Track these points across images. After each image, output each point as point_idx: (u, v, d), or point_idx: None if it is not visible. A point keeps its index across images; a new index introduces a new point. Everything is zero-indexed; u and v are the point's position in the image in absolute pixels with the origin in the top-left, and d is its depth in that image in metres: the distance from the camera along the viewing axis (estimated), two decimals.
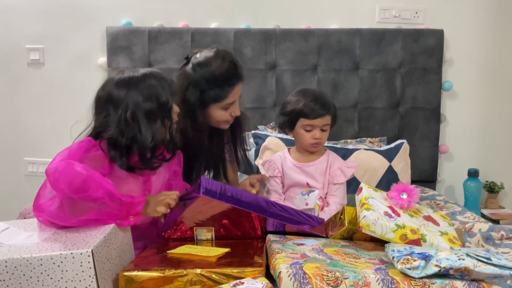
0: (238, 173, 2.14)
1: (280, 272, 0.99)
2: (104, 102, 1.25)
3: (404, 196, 1.29)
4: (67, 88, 2.49)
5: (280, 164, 1.68)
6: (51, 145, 2.47)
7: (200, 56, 1.48)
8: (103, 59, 2.45)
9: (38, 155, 2.52)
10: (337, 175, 1.63)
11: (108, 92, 1.25)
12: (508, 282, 1.26)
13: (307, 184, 1.62)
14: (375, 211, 1.20)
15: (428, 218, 1.29)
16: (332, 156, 1.70)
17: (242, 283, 0.98)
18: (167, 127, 1.27)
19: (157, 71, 1.31)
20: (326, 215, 1.48)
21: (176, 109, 1.29)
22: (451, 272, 0.98)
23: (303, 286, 0.98)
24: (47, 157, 1.23)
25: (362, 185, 1.32)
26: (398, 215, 1.23)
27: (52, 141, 2.50)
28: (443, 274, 0.99)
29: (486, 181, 2.53)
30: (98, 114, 1.26)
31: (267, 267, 1.11)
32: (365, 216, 1.19)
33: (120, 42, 2.41)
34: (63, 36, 2.47)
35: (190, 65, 1.48)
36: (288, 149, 1.73)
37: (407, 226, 1.19)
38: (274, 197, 1.65)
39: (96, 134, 1.24)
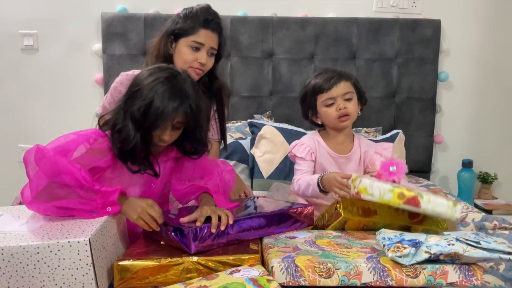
0: (234, 162, 2.15)
1: (272, 266, 1.00)
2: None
3: (394, 169, 1.28)
4: (62, 74, 2.47)
5: (314, 150, 1.55)
6: (46, 131, 2.47)
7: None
8: (98, 46, 2.43)
9: (33, 141, 2.44)
10: (377, 159, 1.54)
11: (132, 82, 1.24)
12: (500, 271, 1.28)
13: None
14: (369, 179, 1.22)
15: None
16: (363, 142, 1.60)
17: (239, 271, 0.99)
18: (156, 136, 1.21)
19: (180, 74, 1.23)
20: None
21: (165, 136, 1.22)
22: (441, 257, 1.00)
23: (295, 279, 0.99)
24: (41, 143, 1.22)
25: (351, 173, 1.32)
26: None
27: (47, 127, 2.49)
28: (433, 259, 1.00)
29: (480, 172, 2.55)
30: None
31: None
32: (361, 180, 1.20)
33: (115, 29, 2.38)
34: (57, 22, 2.44)
35: None
36: (318, 132, 1.61)
37: (403, 186, 1.20)
38: (304, 175, 1.54)
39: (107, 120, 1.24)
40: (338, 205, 1.27)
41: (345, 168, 1.56)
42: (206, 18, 1.56)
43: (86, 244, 0.96)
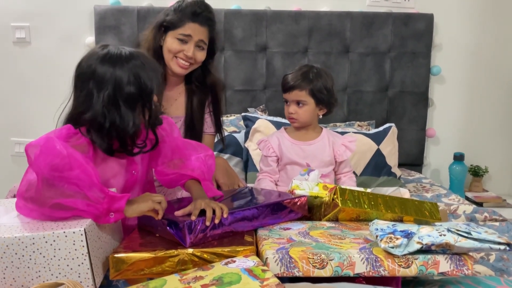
0: (228, 155, 2.16)
1: (267, 258, 1.01)
2: (87, 79, 1.15)
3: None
4: (54, 67, 2.45)
5: (276, 145, 1.66)
6: (38, 125, 2.45)
7: None
8: (91, 39, 2.41)
9: (25, 135, 2.49)
10: (343, 151, 1.65)
11: (92, 69, 1.14)
12: (491, 261, 1.30)
13: (307, 164, 1.63)
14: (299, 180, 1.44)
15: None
16: (330, 133, 1.70)
17: (234, 261, 0.99)
18: (146, 115, 1.20)
19: (143, 53, 1.24)
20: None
21: (155, 98, 1.22)
22: (432, 248, 1.01)
23: (290, 270, 1.00)
24: (34, 137, 1.22)
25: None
26: None
27: (39, 121, 2.47)
28: (425, 250, 1.02)
29: (471, 165, 2.58)
30: (79, 92, 1.16)
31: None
32: (292, 181, 1.41)
33: (108, 22, 2.37)
34: (50, 14, 2.42)
35: None
36: (285, 128, 1.73)
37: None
38: (265, 177, 1.66)
39: (76, 117, 1.16)
40: (335, 196, 1.28)
41: (312, 153, 1.64)
42: (194, 11, 1.55)
43: (81, 234, 0.97)
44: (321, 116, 1.67)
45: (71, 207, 1.03)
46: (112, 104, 1.14)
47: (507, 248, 1.00)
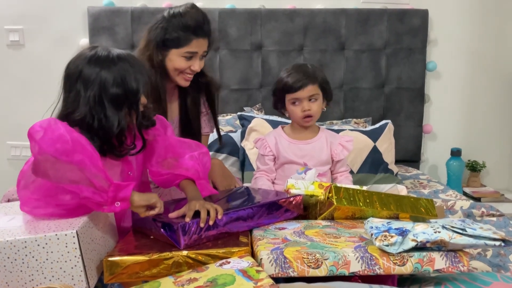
0: (224, 155, 2.15)
1: (261, 259, 1.01)
2: (75, 79, 1.15)
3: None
4: (49, 69, 2.44)
5: (273, 143, 1.66)
6: None
7: (177, 6, 1.56)
8: (85, 40, 2.40)
9: (21, 138, 2.48)
10: (340, 150, 1.66)
11: (79, 69, 1.15)
12: (488, 257, 1.30)
13: (304, 163, 1.62)
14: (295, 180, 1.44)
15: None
16: (328, 133, 1.71)
17: (229, 263, 0.99)
18: (133, 117, 1.20)
19: (132, 55, 1.23)
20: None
21: (143, 100, 1.21)
22: (427, 245, 1.01)
23: (284, 270, 0.99)
24: None
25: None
26: None
27: None
28: (420, 247, 1.01)
29: (469, 160, 2.57)
30: (68, 93, 1.17)
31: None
32: (287, 181, 1.40)
33: (102, 23, 2.36)
34: (43, 17, 2.41)
35: (165, 11, 1.55)
36: (282, 127, 1.72)
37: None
38: (261, 176, 1.66)
39: (66, 118, 1.16)
40: (330, 194, 1.28)
41: (309, 153, 1.64)
42: (196, 27, 1.51)
43: (73, 237, 0.97)
44: (324, 109, 1.68)
45: (76, 193, 1.03)
46: (98, 104, 1.14)
47: (502, 244, 0.99)
